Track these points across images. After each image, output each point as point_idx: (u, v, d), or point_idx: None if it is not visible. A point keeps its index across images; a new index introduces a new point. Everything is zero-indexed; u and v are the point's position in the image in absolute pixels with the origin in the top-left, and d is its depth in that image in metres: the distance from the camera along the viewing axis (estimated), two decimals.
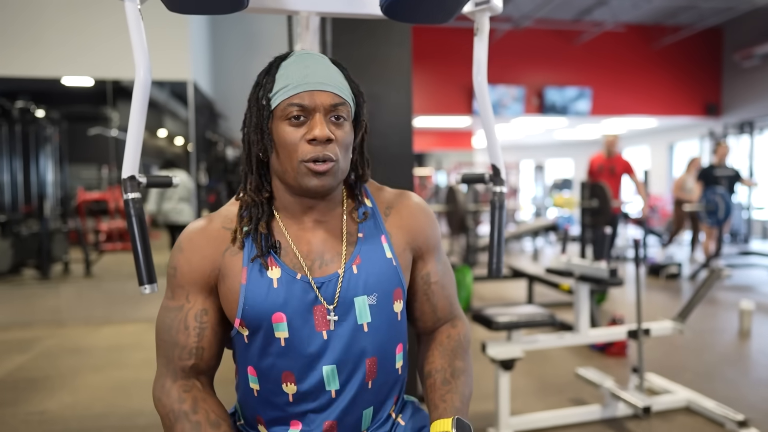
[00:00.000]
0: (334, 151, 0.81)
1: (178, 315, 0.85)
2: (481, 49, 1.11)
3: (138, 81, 0.97)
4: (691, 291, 5.39)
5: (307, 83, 0.80)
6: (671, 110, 10.21)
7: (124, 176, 0.97)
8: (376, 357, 0.87)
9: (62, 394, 2.83)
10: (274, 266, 0.84)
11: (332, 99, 0.81)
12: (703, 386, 2.79)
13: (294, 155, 0.80)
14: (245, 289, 0.83)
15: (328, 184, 0.82)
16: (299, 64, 0.82)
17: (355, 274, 0.85)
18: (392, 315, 0.89)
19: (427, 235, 0.94)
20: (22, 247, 5.72)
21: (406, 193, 0.97)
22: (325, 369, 0.83)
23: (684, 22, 9.50)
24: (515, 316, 2.29)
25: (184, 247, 0.87)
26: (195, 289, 0.85)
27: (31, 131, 6.29)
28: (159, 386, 0.86)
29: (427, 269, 0.95)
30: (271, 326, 0.83)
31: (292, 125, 0.80)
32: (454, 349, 0.94)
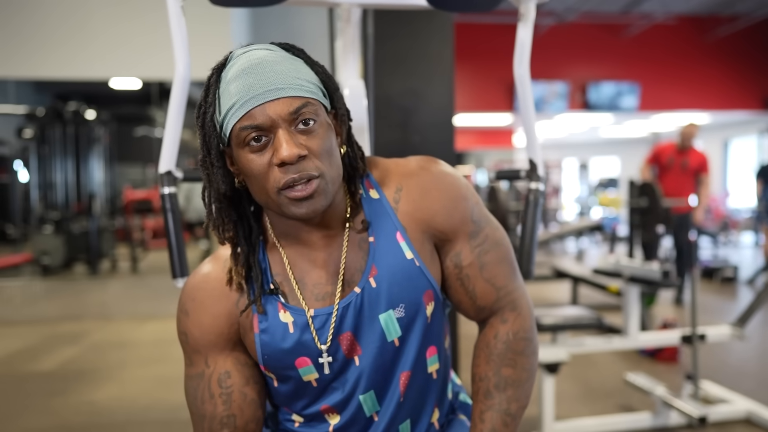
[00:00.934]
0: (314, 165, 0.66)
1: (200, 383, 0.77)
2: (525, 37, 1.05)
3: (177, 76, 0.96)
4: (749, 295, 5.10)
5: (254, 96, 0.65)
6: (726, 105, 9.71)
7: (161, 171, 0.97)
8: (410, 371, 0.79)
9: (109, 386, 2.91)
10: (284, 310, 0.75)
11: (290, 104, 0.65)
12: (764, 396, 2.61)
13: (267, 186, 0.66)
14: (259, 339, 0.75)
15: (319, 206, 0.68)
16: (239, 72, 0.66)
17: (374, 288, 0.74)
18: (424, 320, 0.78)
19: (448, 210, 0.77)
20: (74, 244, 5.97)
21: (419, 164, 0.80)
22: (362, 398, 0.78)
23: (742, 11, 9.01)
24: (561, 318, 2.20)
25: (189, 310, 0.77)
26: (213, 351, 0.77)
27: (82, 132, 6.55)
28: None
29: (457, 248, 0.79)
30: (297, 372, 0.76)
31: (253, 151, 0.66)
32: (502, 354, 0.80)
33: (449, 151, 1.93)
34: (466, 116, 10.07)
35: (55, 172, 6.58)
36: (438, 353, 0.82)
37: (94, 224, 5.88)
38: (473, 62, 8.83)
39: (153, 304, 4.63)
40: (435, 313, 0.80)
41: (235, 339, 0.77)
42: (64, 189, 6.60)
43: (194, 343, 0.77)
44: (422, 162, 0.80)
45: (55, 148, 6.50)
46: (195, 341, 0.77)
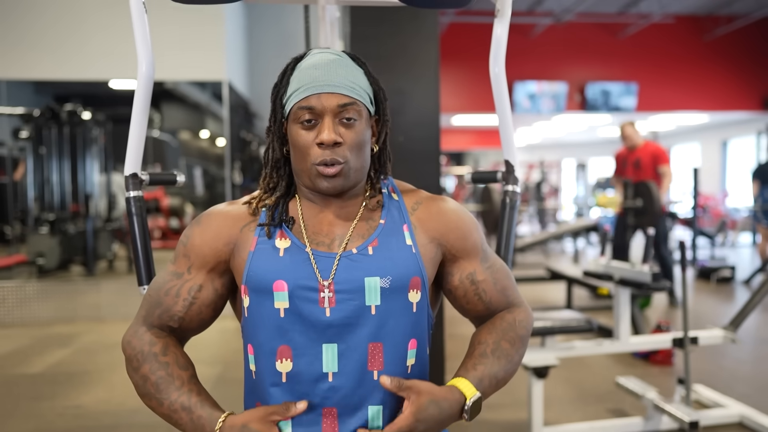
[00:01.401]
0: (343, 153, 0.81)
1: (174, 281, 0.87)
2: (502, 34, 1.03)
3: (140, 76, 0.94)
4: (745, 296, 5.07)
5: (315, 86, 0.81)
6: (724, 105, 9.68)
7: (126, 174, 0.94)
8: (381, 344, 0.82)
9: (98, 389, 2.89)
10: (284, 237, 0.85)
11: (340, 100, 0.81)
12: (757, 401, 2.58)
13: (307, 158, 0.82)
14: (251, 256, 0.84)
15: (339, 186, 0.83)
16: (310, 65, 0.84)
17: (370, 255, 0.83)
18: (406, 304, 0.84)
19: (463, 233, 0.91)
20: (70, 244, 5.94)
21: (442, 197, 0.95)
22: (324, 347, 0.81)
23: (739, 11, 8.98)
24: (549, 321, 2.17)
25: (202, 221, 0.88)
26: (199, 263, 0.86)
27: (79, 133, 6.52)
28: (132, 332, 0.87)
29: (471, 269, 0.91)
30: (272, 295, 0.82)
31: (304, 128, 0.82)
32: (504, 330, 0.89)
33: (434, 151, 1.90)
34: (462, 117, 10.04)
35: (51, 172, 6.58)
36: (417, 350, 0.86)
37: (90, 225, 5.86)
38: (468, 62, 8.78)
39: None
40: (420, 306, 0.86)
41: (223, 260, 0.86)
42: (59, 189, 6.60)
43: (190, 247, 0.87)
44: (442, 196, 0.95)
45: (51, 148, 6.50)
46: (192, 246, 0.87)
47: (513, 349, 0.88)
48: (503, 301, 0.93)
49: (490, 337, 0.88)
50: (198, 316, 0.87)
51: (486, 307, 0.92)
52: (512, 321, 0.91)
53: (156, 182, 0.99)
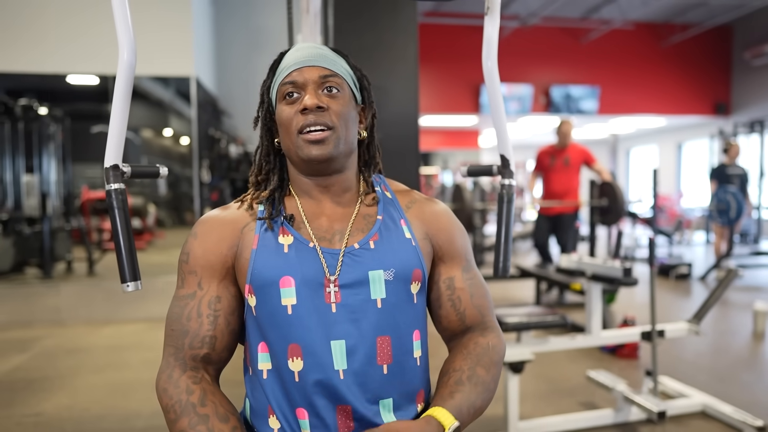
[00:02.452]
0: (329, 118, 0.81)
1: (190, 302, 0.83)
2: (492, 31, 1.03)
3: (122, 64, 0.90)
4: (702, 291, 5.29)
5: (297, 63, 0.84)
6: (680, 109, 10.08)
7: (106, 165, 0.90)
8: (389, 337, 0.81)
9: (60, 395, 2.77)
10: (286, 233, 0.84)
11: (320, 72, 0.83)
12: (718, 390, 2.69)
13: (291, 129, 0.82)
14: (255, 254, 0.82)
15: (327, 152, 0.82)
16: (294, 51, 0.87)
17: (372, 249, 0.84)
18: (409, 295, 0.85)
19: (451, 236, 0.92)
20: (25, 246, 5.69)
21: (435, 199, 0.97)
22: (333, 344, 0.79)
23: (693, 19, 9.37)
24: (525, 317, 2.20)
25: (199, 232, 0.86)
26: (208, 273, 0.84)
27: (34, 129, 6.25)
28: (165, 377, 0.81)
29: (451, 274, 0.91)
30: (278, 291, 0.80)
31: (287, 103, 0.83)
32: (479, 356, 0.87)
33: (413, 148, 1.90)
34: (431, 117, 10.12)
35: (4, 170, 6.28)
36: (422, 341, 0.87)
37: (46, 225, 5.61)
38: (439, 64, 8.87)
39: (110, 307, 4.45)
40: (419, 297, 0.87)
41: (230, 265, 0.84)
42: (13, 188, 6.30)
43: (194, 262, 0.84)
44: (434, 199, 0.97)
45: (4, 145, 6.20)
46: (195, 260, 0.84)
47: (488, 375, 0.86)
48: (477, 318, 0.91)
49: (465, 364, 0.85)
50: (227, 328, 0.84)
51: (459, 318, 0.90)
52: (486, 346, 0.88)
53: (138, 175, 0.95)
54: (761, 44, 9.06)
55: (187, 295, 0.84)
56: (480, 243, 6.17)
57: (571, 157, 4.50)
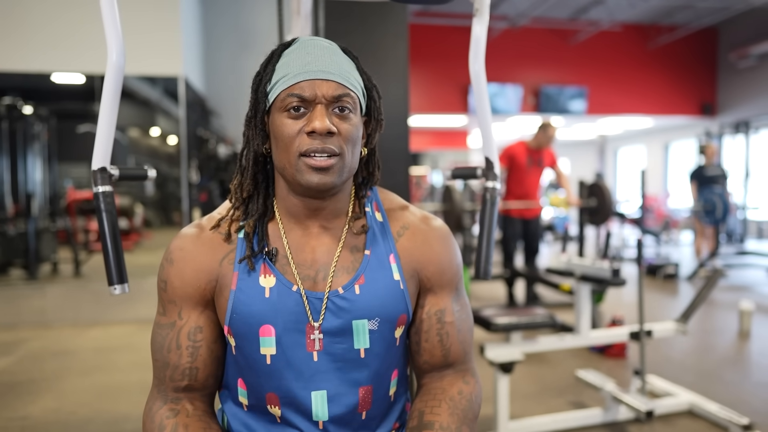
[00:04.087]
0: (338, 144, 0.73)
1: (169, 333, 0.79)
2: (480, 32, 1.03)
3: (110, 65, 0.89)
4: (689, 291, 5.35)
5: (308, 71, 0.72)
6: (667, 110, 10.19)
7: (94, 168, 0.89)
8: (371, 386, 0.79)
9: (46, 398, 2.73)
10: (268, 274, 0.77)
11: (335, 89, 0.72)
12: (704, 388, 2.72)
13: (291, 149, 0.72)
14: (234, 296, 0.76)
15: (330, 182, 0.73)
16: (301, 51, 0.75)
17: (357, 295, 0.77)
18: (392, 340, 0.81)
19: (442, 266, 0.84)
20: (9, 247, 5.60)
21: (429, 217, 0.88)
22: (314, 394, 0.76)
23: (680, 21, 9.48)
24: (515, 318, 2.21)
25: (175, 259, 0.79)
26: (188, 304, 0.79)
27: (19, 128, 6.16)
28: (147, 408, 0.80)
29: (441, 306, 0.84)
30: (258, 340, 0.76)
31: (290, 117, 0.73)
32: (465, 411, 0.81)
33: (404, 149, 1.90)
34: (421, 117, 10.13)
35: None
36: (398, 378, 0.85)
37: (31, 226, 5.54)
38: (428, 64, 8.89)
39: (96, 309, 4.40)
40: (402, 338, 0.83)
41: (209, 297, 0.79)
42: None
43: (172, 292, 0.79)
44: (433, 217, 0.88)
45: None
46: (173, 291, 0.79)
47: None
48: (460, 355, 0.85)
49: (453, 422, 0.78)
50: (210, 356, 0.80)
51: (443, 354, 0.84)
52: (470, 398, 0.83)
53: (126, 177, 0.94)
54: (746, 46, 9.19)
55: (166, 325, 0.80)
56: (470, 243, 6.18)
57: (544, 158, 4.43)
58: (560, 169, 4.52)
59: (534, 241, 4.49)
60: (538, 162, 4.40)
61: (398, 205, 0.88)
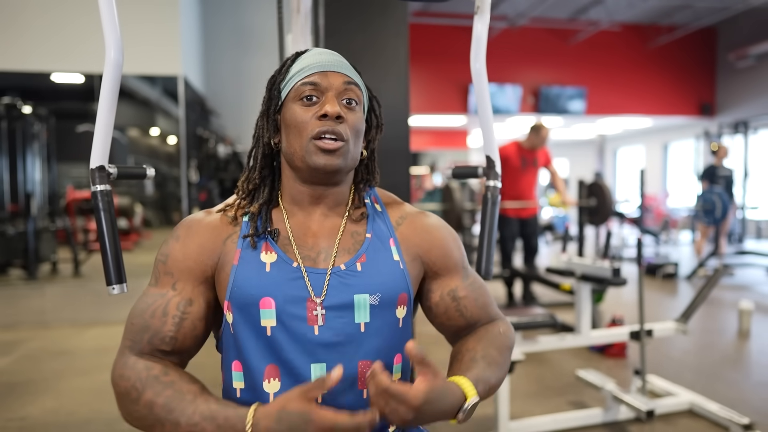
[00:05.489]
0: (345, 130, 0.80)
1: (158, 300, 0.80)
2: (482, 31, 1.03)
3: (108, 62, 0.88)
4: (688, 291, 5.35)
5: (321, 65, 0.82)
6: (666, 110, 10.19)
7: (92, 166, 0.88)
8: (371, 362, 0.80)
9: (45, 398, 2.72)
10: (269, 251, 0.81)
11: (345, 79, 0.82)
12: (704, 388, 2.72)
13: (304, 133, 0.79)
14: (235, 270, 0.80)
15: (336, 164, 0.79)
16: (315, 53, 0.85)
17: (358, 272, 0.81)
18: (394, 320, 0.83)
19: (445, 250, 0.90)
20: (8, 246, 5.59)
21: (426, 212, 0.94)
22: (313, 367, 0.77)
23: (679, 21, 9.48)
24: (515, 318, 2.21)
25: (181, 235, 0.83)
26: (184, 277, 0.81)
27: (18, 128, 6.15)
28: (120, 364, 0.77)
29: (452, 285, 0.90)
30: (258, 312, 0.77)
31: (304, 105, 0.81)
32: (491, 339, 0.87)
33: (404, 149, 1.90)
34: (420, 117, 10.13)
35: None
36: (402, 365, 0.86)
37: (31, 225, 5.52)
38: (428, 64, 8.88)
39: (96, 309, 4.39)
40: (405, 321, 0.85)
41: (209, 275, 0.81)
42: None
43: (172, 264, 0.81)
44: (426, 212, 0.94)
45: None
46: (173, 263, 0.81)
47: (501, 357, 0.86)
48: (484, 316, 0.92)
49: (479, 345, 0.85)
50: (192, 332, 0.80)
51: (467, 323, 0.91)
52: (497, 332, 0.90)
53: (124, 176, 0.93)
54: (745, 46, 9.19)
55: (156, 294, 0.81)
56: (469, 243, 6.18)
57: (539, 158, 4.41)
58: (554, 168, 4.52)
59: (532, 241, 4.48)
60: (532, 162, 4.38)
61: (395, 200, 0.94)
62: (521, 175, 4.33)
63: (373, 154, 0.91)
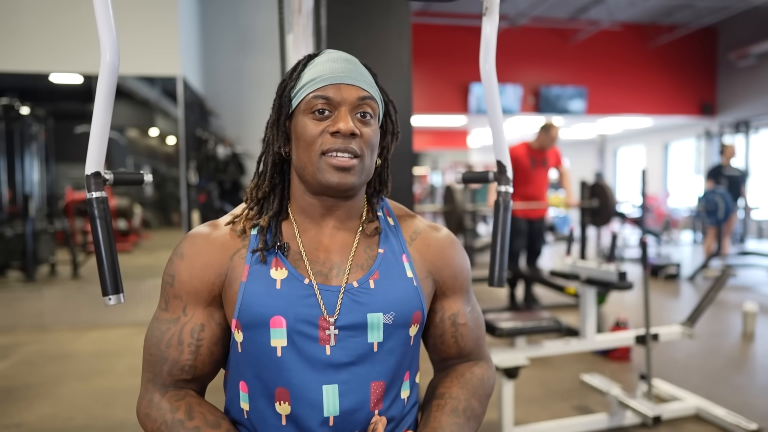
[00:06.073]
0: (359, 146, 0.76)
1: (171, 328, 0.78)
2: (491, 32, 1.00)
3: (104, 65, 0.85)
4: (691, 291, 5.32)
5: (335, 77, 0.77)
6: (666, 110, 10.16)
7: (87, 173, 0.85)
8: (384, 382, 0.78)
9: (42, 404, 2.69)
10: (280, 267, 0.78)
11: (360, 93, 0.77)
12: (710, 392, 2.69)
13: (314, 147, 0.76)
14: (244, 287, 0.77)
15: (350, 182, 0.76)
16: (328, 60, 0.80)
17: (372, 289, 0.78)
18: (406, 338, 0.81)
19: (455, 271, 0.88)
20: (6, 248, 5.56)
21: (437, 226, 0.92)
22: (325, 388, 0.74)
23: (680, 21, 9.45)
24: (520, 322, 2.18)
25: (186, 253, 0.80)
26: (194, 300, 0.78)
27: (16, 129, 6.12)
28: (146, 402, 0.78)
29: (455, 309, 0.88)
30: (268, 332, 0.75)
31: (315, 118, 0.76)
32: (475, 387, 0.86)
33: (407, 151, 1.87)
34: (421, 117, 10.10)
35: None
36: (411, 381, 0.84)
37: (29, 227, 5.49)
38: (428, 63, 8.85)
39: (95, 312, 4.36)
40: (416, 338, 0.84)
41: (217, 293, 0.79)
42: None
43: (179, 286, 0.79)
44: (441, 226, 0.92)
45: None
46: (180, 285, 0.79)
47: (481, 409, 0.85)
48: (475, 350, 0.91)
49: (462, 394, 0.84)
50: (210, 357, 0.79)
51: (458, 352, 0.89)
52: (481, 377, 0.88)
53: (121, 182, 0.90)
54: (746, 46, 9.16)
55: (169, 320, 0.79)
56: (471, 244, 6.15)
57: (549, 158, 4.35)
58: (564, 169, 4.47)
59: (537, 243, 4.44)
60: (542, 162, 4.32)
61: (407, 213, 0.92)
62: (531, 175, 4.27)
63: (387, 162, 0.87)
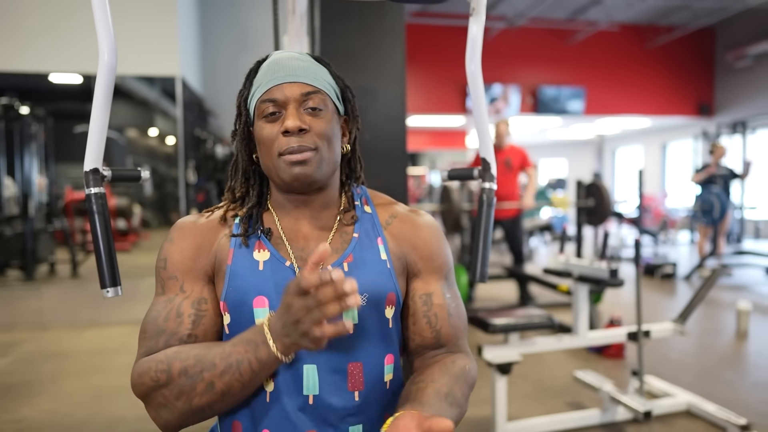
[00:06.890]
0: (311, 140, 0.78)
1: (168, 305, 0.79)
2: (477, 32, 1.02)
3: (102, 64, 0.87)
4: (687, 291, 5.35)
5: (276, 77, 0.80)
6: (664, 110, 10.20)
7: (86, 169, 0.88)
8: (361, 363, 0.80)
9: (41, 400, 2.72)
10: (262, 249, 0.81)
11: (302, 89, 0.79)
12: (702, 389, 2.72)
13: (272, 150, 0.79)
14: (229, 270, 0.80)
15: (309, 173, 0.79)
16: (271, 62, 0.83)
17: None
18: (383, 320, 0.82)
19: (431, 252, 0.87)
20: (6, 247, 5.58)
21: (418, 210, 0.93)
22: (306, 368, 0.77)
23: (677, 22, 9.49)
24: (513, 319, 2.21)
25: (175, 237, 0.83)
26: (190, 278, 0.80)
27: (15, 128, 6.14)
28: (137, 367, 0.76)
29: (429, 290, 0.86)
30: (252, 311, 0.78)
31: (268, 122, 0.80)
32: (458, 376, 0.83)
33: (401, 149, 1.89)
34: (418, 117, 10.13)
35: None
36: (395, 365, 0.85)
37: (29, 226, 5.51)
38: (426, 64, 8.88)
39: (94, 310, 4.38)
40: (395, 321, 0.84)
41: (210, 273, 0.82)
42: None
43: (172, 268, 0.81)
44: (422, 211, 0.93)
45: None
46: (174, 266, 0.81)
47: (463, 397, 0.82)
48: (452, 339, 0.87)
49: (443, 379, 0.80)
50: (213, 327, 0.80)
51: (434, 336, 0.86)
52: (464, 368, 0.84)
53: (118, 178, 0.92)
54: (743, 46, 9.20)
55: (167, 300, 0.80)
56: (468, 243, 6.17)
57: (512, 158, 4.34)
58: (531, 171, 4.41)
59: (515, 247, 4.42)
60: (504, 162, 4.31)
61: (387, 200, 0.93)
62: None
63: (355, 148, 0.89)
